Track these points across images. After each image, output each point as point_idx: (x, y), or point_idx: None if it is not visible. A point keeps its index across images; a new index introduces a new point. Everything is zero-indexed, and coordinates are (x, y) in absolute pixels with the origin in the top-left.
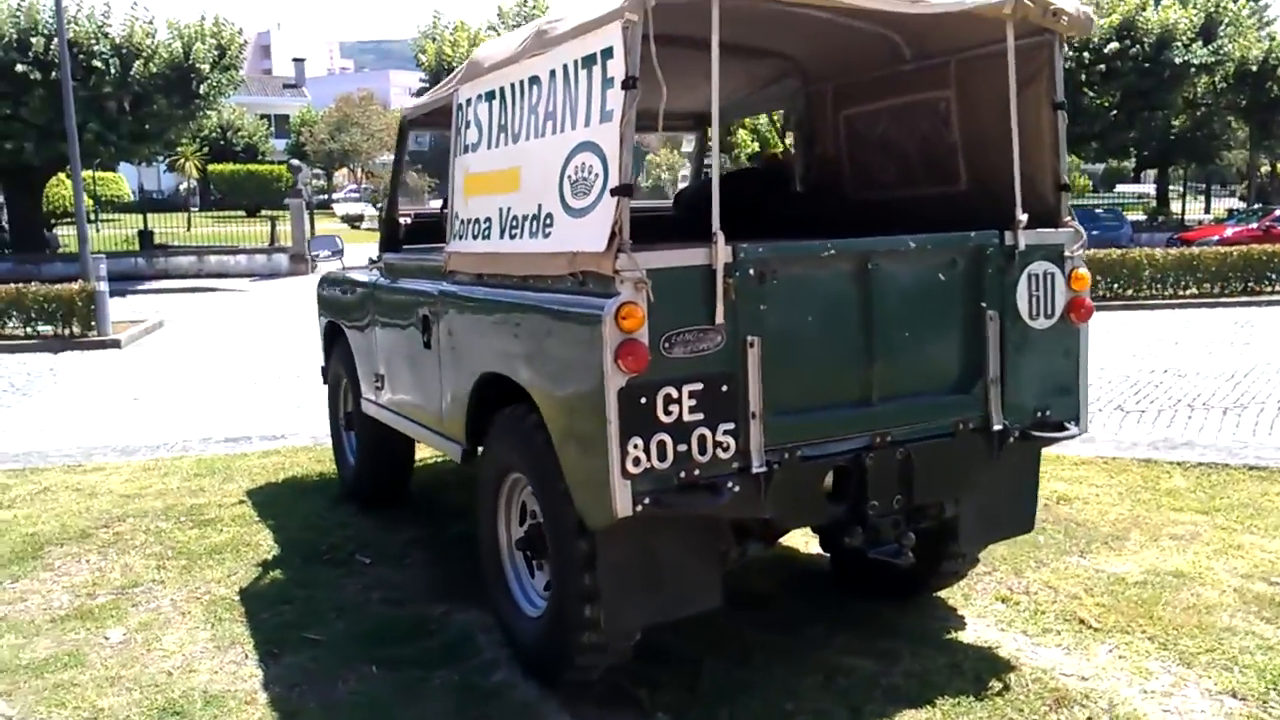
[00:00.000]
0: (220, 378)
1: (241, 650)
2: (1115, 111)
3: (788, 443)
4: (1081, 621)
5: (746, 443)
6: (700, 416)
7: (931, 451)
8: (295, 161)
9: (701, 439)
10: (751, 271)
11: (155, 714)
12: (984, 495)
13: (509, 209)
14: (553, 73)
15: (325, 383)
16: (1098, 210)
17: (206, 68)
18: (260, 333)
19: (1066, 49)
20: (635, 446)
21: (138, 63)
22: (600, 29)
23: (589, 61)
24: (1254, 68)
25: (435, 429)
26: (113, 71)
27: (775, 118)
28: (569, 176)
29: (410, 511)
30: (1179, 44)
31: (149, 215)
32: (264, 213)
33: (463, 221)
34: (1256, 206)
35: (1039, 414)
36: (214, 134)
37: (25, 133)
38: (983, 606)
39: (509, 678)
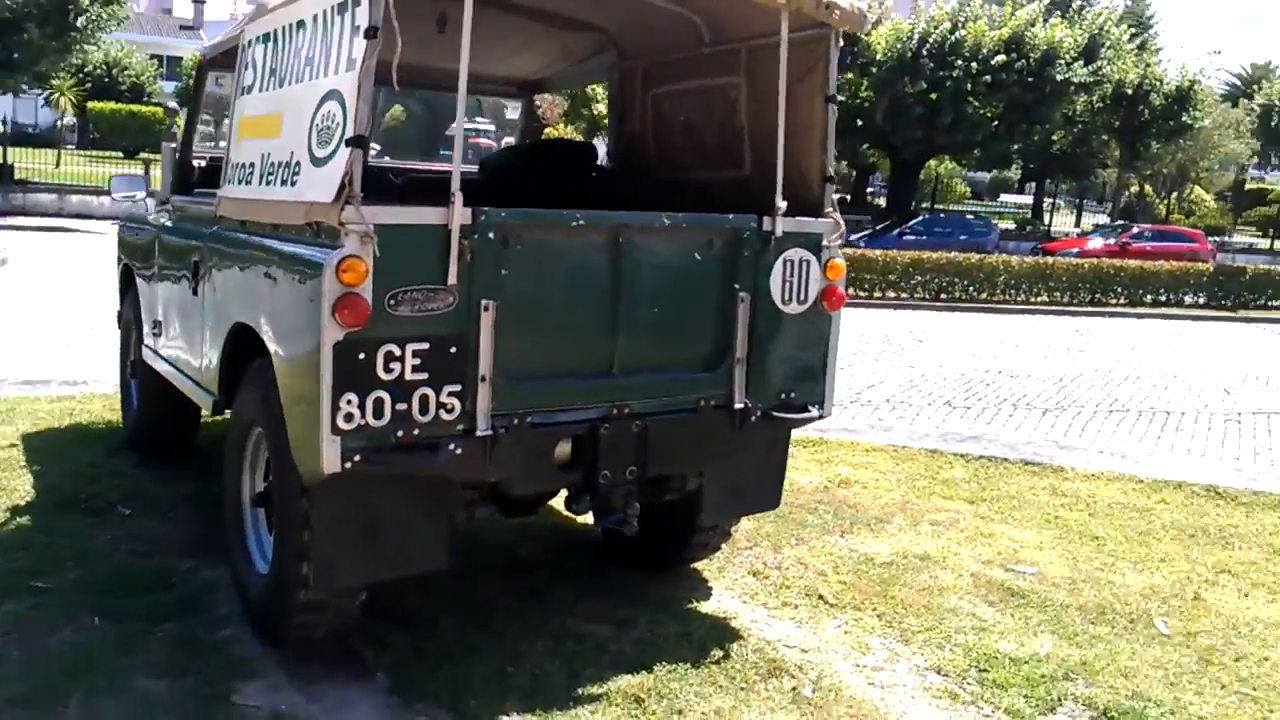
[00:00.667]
0: (55, 320)
1: None
2: (997, 123)
3: (519, 408)
4: (820, 597)
5: (473, 405)
6: (424, 376)
7: (671, 426)
8: (172, 104)
9: (424, 399)
10: (492, 235)
11: None
12: (729, 471)
13: (269, 154)
14: (315, 17)
15: (119, 327)
16: (969, 216)
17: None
18: (109, 277)
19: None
20: (349, 402)
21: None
22: None
23: (342, 8)
24: (1129, 91)
25: (196, 379)
26: None
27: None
28: (317, 124)
29: (194, 465)
30: (1062, 62)
31: (14, 149)
32: (143, 155)
33: (233, 166)
34: (1118, 223)
35: (783, 395)
36: (98, 70)
37: None
38: (734, 579)
39: (236, 634)
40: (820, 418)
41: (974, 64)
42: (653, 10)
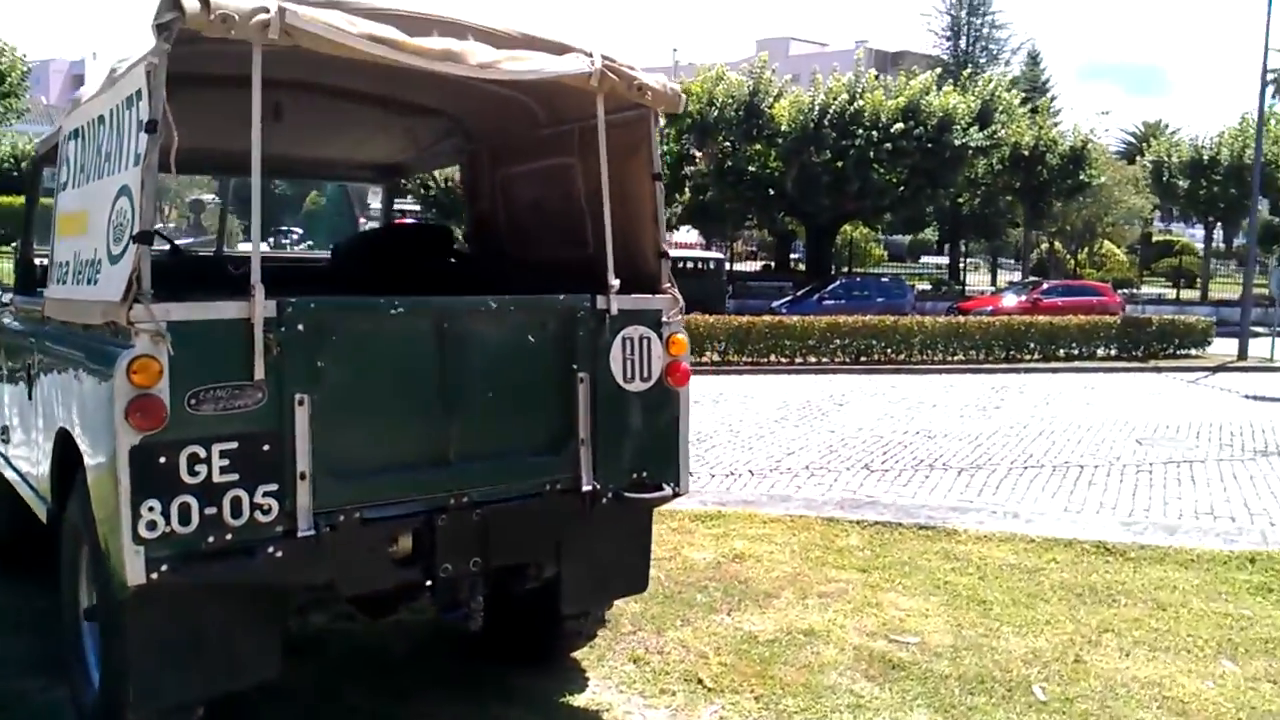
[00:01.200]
0: None
1: None
2: (903, 188)
3: (346, 504)
4: (700, 681)
5: (293, 504)
6: (235, 477)
7: (516, 512)
8: None
9: (236, 501)
10: (301, 327)
11: None
12: (587, 556)
13: (79, 252)
14: (110, 112)
15: None
16: (884, 279)
17: None
18: None
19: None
20: (151, 509)
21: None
22: (132, 71)
23: (129, 103)
24: (1026, 152)
25: (34, 486)
26: None
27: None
28: (113, 221)
29: (50, 574)
30: (958, 127)
31: None
32: None
33: (55, 264)
34: (1030, 280)
35: (635, 475)
36: (5, 163)
37: None
38: (613, 667)
39: None
40: (675, 496)
41: (874, 132)
42: (492, 95)
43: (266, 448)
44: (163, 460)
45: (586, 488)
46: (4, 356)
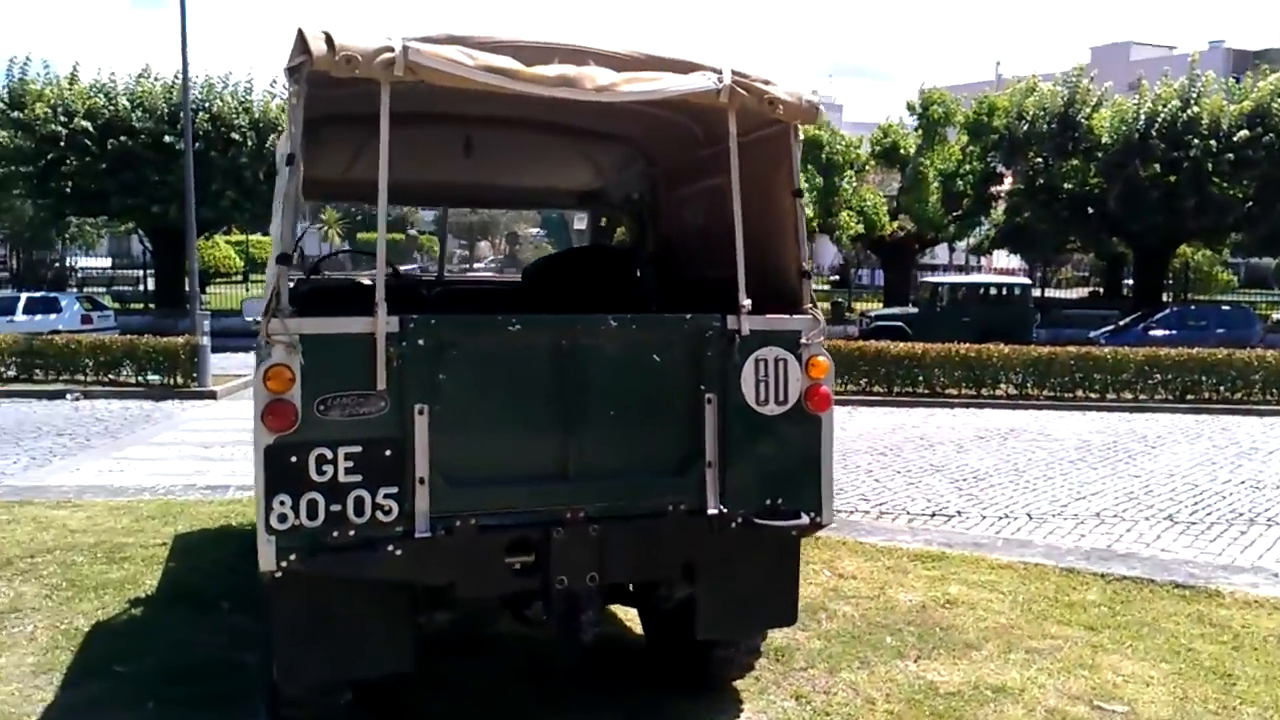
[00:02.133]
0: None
1: (50, 678)
2: (1250, 204)
3: (462, 510)
4: None
5: (413, 507)
6: (359, 478)
7: (635, 531)
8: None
9: (359, 500)
10: (422, 342)
11: None
12: (724, 582)
13: (267, 277)
14: (282, 151)
15: None
16: (1225, 308)
17: None
18: None
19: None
20: (282, 503)
21: (273, 135)
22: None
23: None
24: None
25: None
26: (249, 144)
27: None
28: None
29: None
30: None
31: None
32: None
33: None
34: None
35: (768, 501)
36: None
37: (172, 197)
38: (771, 701)
39: None
40: (816, 526)
41: (1213, 141)
42: (662, 119)
43: (388, 453)
44: (293, 459)
45: (712, 511)
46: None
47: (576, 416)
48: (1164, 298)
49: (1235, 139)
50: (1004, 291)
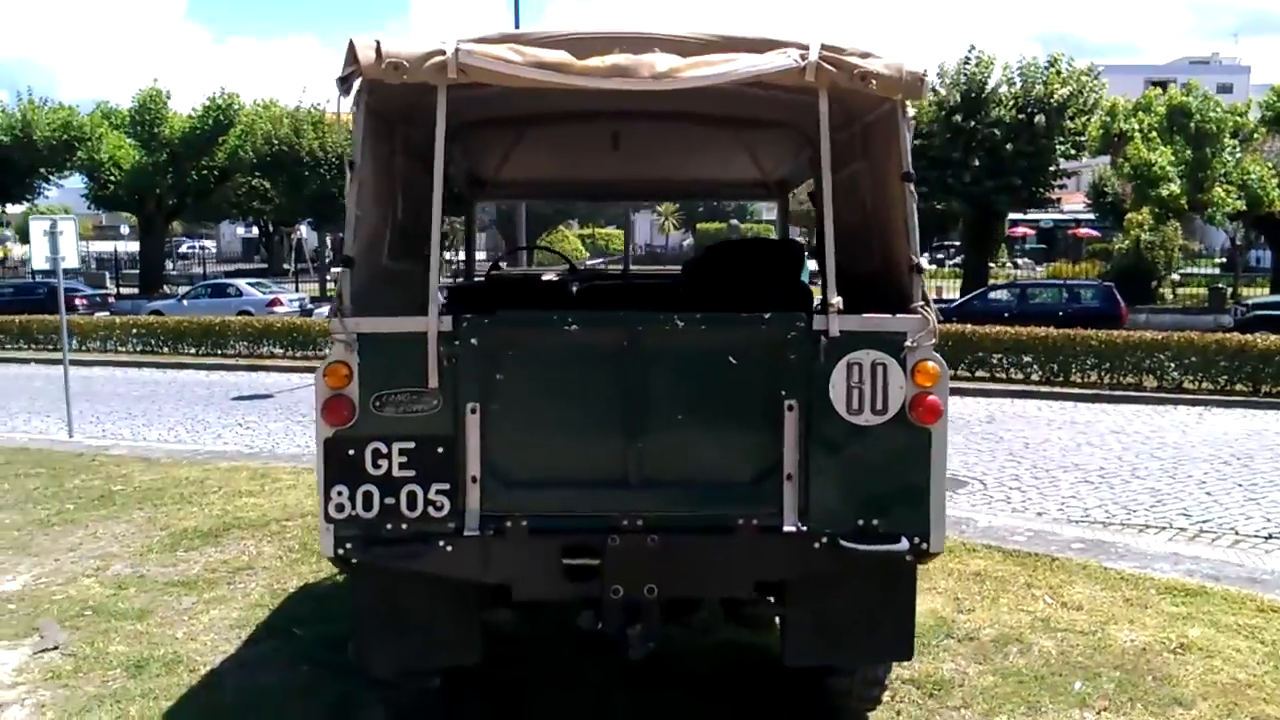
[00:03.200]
0: None
1: (240, 633)
2: None
3: (514, 511)
4: None
5: (464, 504)
6: (412, 473)
7: (700, 545)
8: None
9: (412, 495)
10: (475, 341)
11: (132, 660)
12: (816, 606)
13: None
14: None
15: None
16: None
17: None
18: None
19: None
20: (339, 494)
21: None
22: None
23: None
24: None
25: None
26: None
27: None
28: None
29: None
30: None
31: None
32: None
33: None
34: None
35: (860, 522)
36: None
37: None
38: None
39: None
40: (920, 554)
41: None
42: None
43: (440, 450)
44: (351, 452)
45: (788, 529)
46: None
47: (639, 420)
48: None
49: None
50: None
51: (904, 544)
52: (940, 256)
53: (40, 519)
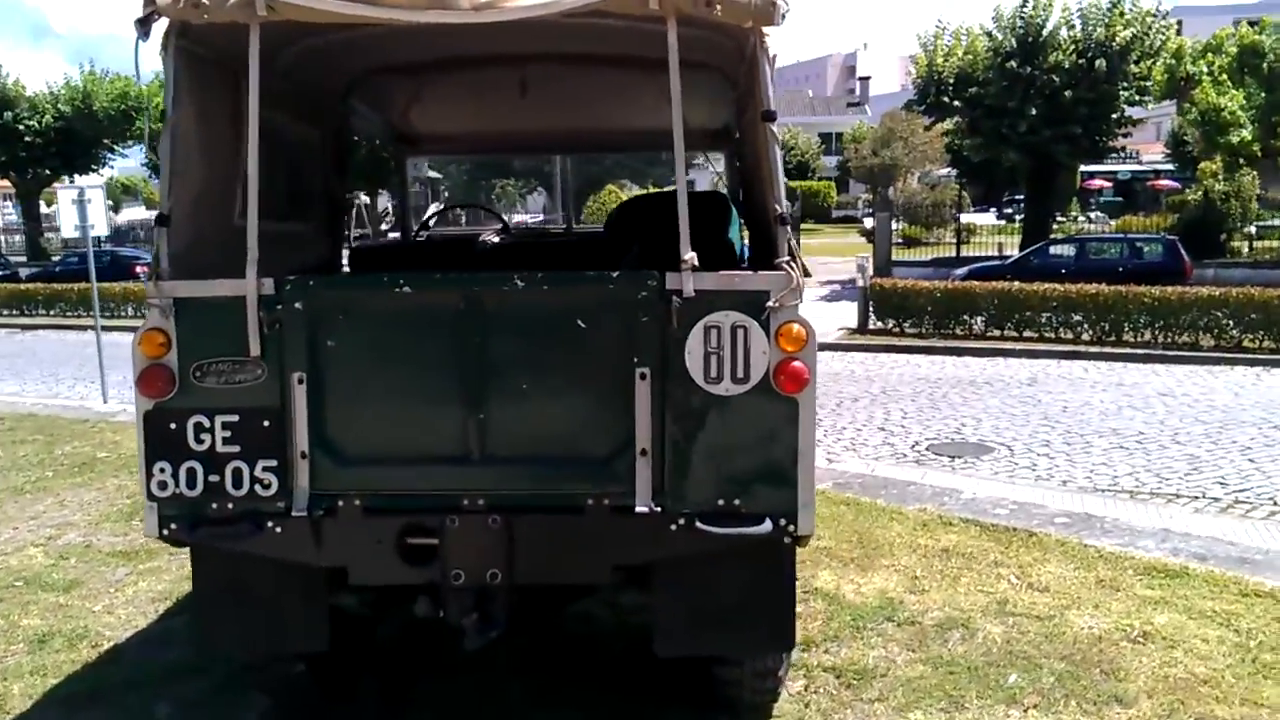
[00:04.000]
0: None
1: (160, 606)
2: None
3: (346, 490)
4: None
5: (293, 483)
6: (236, 449)
7: (547, 526)
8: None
9: (237, 472)
10: (299, 305)
11: (38, 634)
12: (685, 593)
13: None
14: None
15: None
16: None
17: None
18: None
19: None
20: (161, 471)
21: None
22: None
23: None
24: None
25: None
26: None
27: None
28: None
29: None
30: None
31: None
32: (806, 226)
33: None
34: None
35: (721, 502)
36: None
37: None
38: None
39: None
40: (785, 537)
41: None
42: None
43: (266, 423)
44: (172, 426)
45: (640, 509)
46: None
47: (480, 391)
48: None
49: None
50: None
51: (767, 526)
52: (1009, 211)
53: (15, 486)
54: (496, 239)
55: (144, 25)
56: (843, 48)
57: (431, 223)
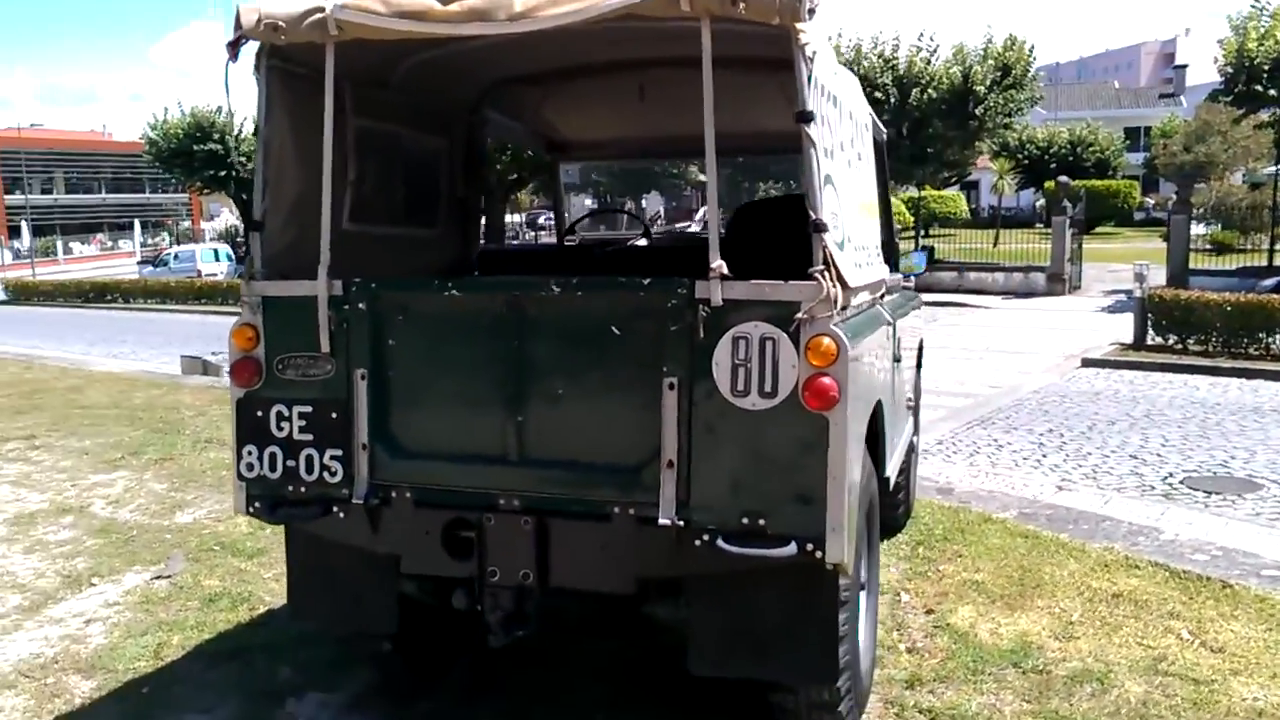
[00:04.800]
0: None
1: None
2: None
3: (399, 481)
4: None
5: (354, 472)
6: (309, 437)
7: (579, 531)
8: (1064, 179)
9: (309, 459)
10: (363, 305)
11: (211, 594)
12: (718, 611)
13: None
14: None
15: None
16: None
17: (982, 89)
18: (957, 353)
19: None
20: (249, 453)
21: (915, 90)
22: None
23: None
24: None
25: None
26: (891, 101)
27: None
28: None
29: None
30: None
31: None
32: (1100, 229)
33: None
34: None
35: (745, 520)
36: (1062, 150)
37: None
38: None
39: None
40: (810, 560)
41: None
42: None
43: (334, 415)
44: (259, 413)
45: (663, 521)
46: None
47: (520, 393)
48: None
49: None
50: None
51: (792, 549)
52: None
53: None
54: (642, 242)
55: (234, 48)
56: (1160, 34)
57: (578, 226)
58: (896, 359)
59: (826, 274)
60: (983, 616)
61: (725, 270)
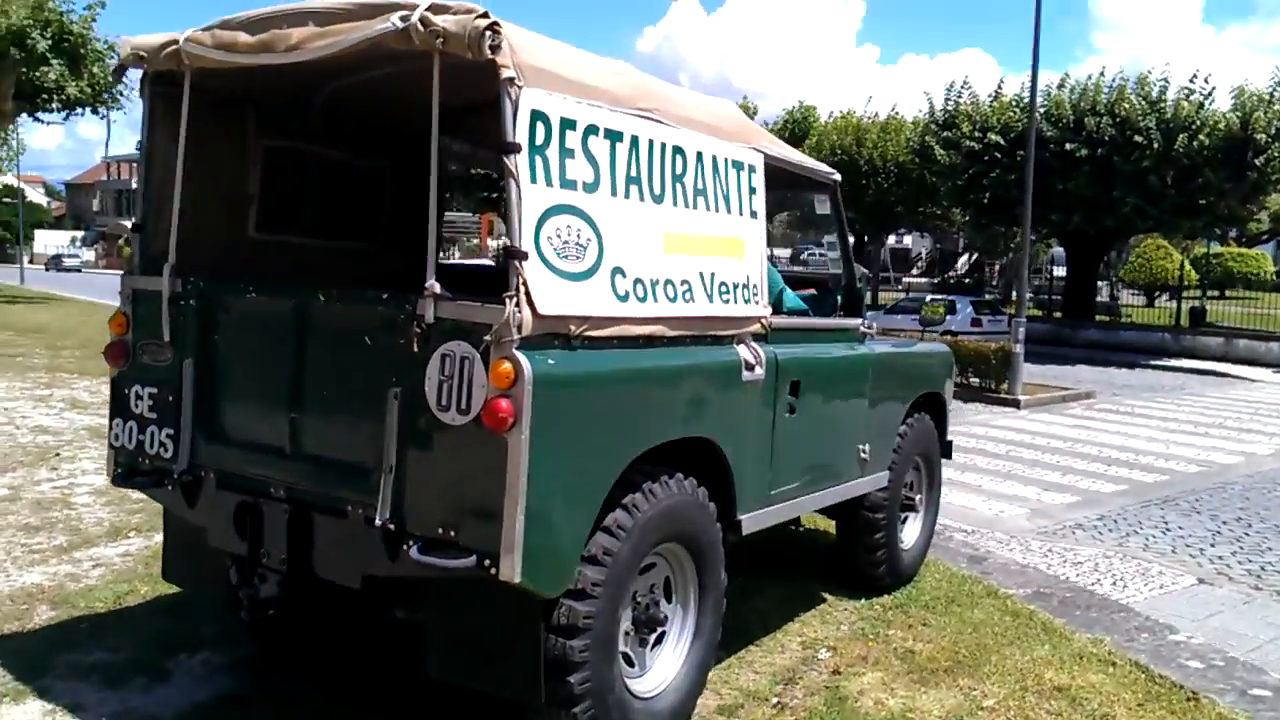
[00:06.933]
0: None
1: None
2: None
3: (208, 462)
4: None
5: (179, 450)
6: (155, 415)
7: (325, 525)
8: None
9: (152, 435)
10: (193, 302)
11: None
12: (448, 618)
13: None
14: None
15: None
16: None
17: (1264, 138)
18: (1179, 426)
19: None
20: (117, 425)
21: (1183, 136)
22: None
23: None
24: None
25: None
26: (1155, 147)
27: None
28: None
29: None
30: None
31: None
32: None
33: None
34: None
35: (441, 531)
36: None
37: (1077, 205)
38: None
39: None
40: (487, 576)
41: None
42: None
43: (170, 398)
44: (125, 390)
45: (378, 522)
46: None
47: (296, 392)
48: None
49: None
50: None
51: (470, 562)
52: None
53: None
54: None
55: (118, 74)
56: None
57: None
58: (789, 408)
59: (515, 299)
60: (884, 687)
61: (438, 289)
